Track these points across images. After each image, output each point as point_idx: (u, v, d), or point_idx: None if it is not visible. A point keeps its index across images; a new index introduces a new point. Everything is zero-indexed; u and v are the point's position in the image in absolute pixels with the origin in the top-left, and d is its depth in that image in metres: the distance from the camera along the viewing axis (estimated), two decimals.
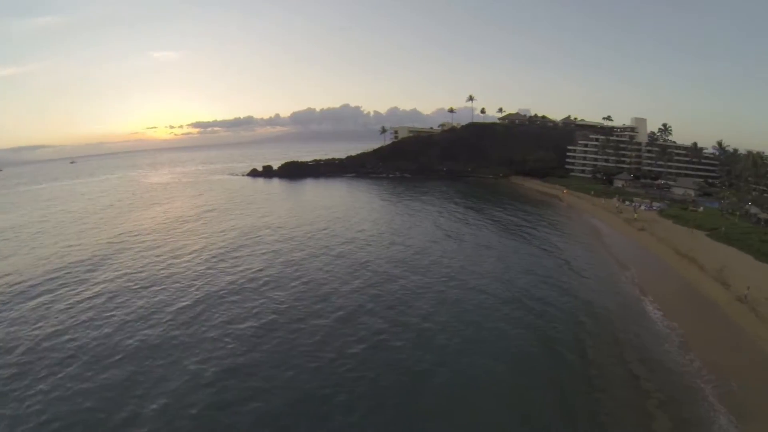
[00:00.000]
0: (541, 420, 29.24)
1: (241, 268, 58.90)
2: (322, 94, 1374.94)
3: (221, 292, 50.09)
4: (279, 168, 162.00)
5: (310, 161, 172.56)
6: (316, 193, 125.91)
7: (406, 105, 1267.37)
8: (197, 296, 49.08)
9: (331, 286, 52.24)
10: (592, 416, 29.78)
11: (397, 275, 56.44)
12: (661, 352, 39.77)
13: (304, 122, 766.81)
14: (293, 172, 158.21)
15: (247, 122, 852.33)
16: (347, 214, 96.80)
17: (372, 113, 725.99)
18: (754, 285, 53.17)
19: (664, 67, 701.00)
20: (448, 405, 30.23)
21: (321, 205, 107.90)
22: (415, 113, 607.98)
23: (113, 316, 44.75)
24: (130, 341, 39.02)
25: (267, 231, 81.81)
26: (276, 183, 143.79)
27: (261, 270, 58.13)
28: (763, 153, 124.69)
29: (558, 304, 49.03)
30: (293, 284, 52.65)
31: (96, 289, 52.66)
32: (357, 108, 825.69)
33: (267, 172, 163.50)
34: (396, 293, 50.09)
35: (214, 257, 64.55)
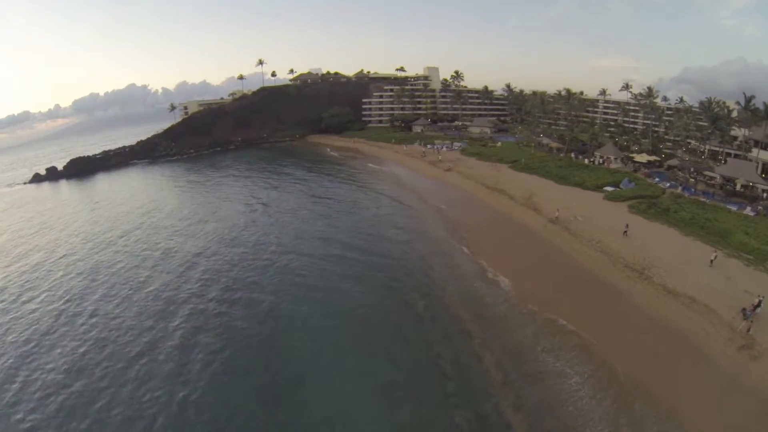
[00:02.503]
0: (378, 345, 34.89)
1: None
2: (104, 76, 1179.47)
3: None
4: (65, 167, 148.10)
5: (98, 154, 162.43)
6: (112, 189, 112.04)
7: (194, 78, 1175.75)
8: None
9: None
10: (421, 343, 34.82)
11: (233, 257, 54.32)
12: (478, 287, 42.13)
13: (89, 110, 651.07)
14: (81, 169, 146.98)
15: (24, 119, 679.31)
16: (154, 207, 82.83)
17: (160, 91, 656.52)
18: (562, 206, 59.12)
19: (454, 17, 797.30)
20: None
21: (122, 203, 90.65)
22: (205, 85, 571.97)
23: None
24: None
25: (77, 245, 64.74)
26: (64, 186, 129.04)
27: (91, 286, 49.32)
28: (546, 92, 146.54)
29: (380, 252, 51.99)
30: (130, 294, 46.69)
31: None
32: (144, 87, 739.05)
33: (52, 175, 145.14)
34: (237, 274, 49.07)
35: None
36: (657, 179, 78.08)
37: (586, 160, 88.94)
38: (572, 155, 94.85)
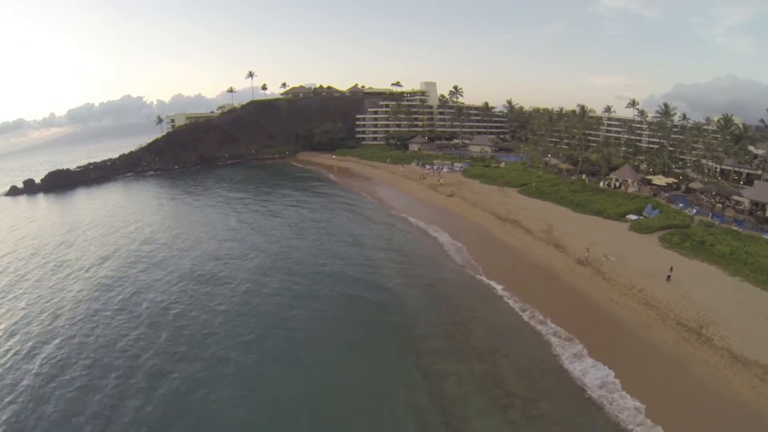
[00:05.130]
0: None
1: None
2: (100, 86, 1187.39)
3: None
4: (42, 181, 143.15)
5: (78, 167, 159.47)
6: (88, 207, 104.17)
7: (190, 91, 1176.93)
8: None
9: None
10: None
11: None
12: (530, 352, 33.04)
13: (83, 119, 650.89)
14: (60, 183, 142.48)
15: (18, 126, 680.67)
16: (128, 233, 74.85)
17: (155, 103, 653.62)
18: (586, 240, 52.61)
19: (448, 33, 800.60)
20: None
21: (97, 223, 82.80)
22: (200, 98, 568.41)
23: None
24: None
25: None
26: (41, 201, 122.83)
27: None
28: (553, 109, 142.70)
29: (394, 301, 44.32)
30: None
31: None
32: (139, 98, 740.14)
33: (30, 188, 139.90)
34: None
35: None
36: (681, 205, 72.08)
37: (601, 183, 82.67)
38: (584, 177, 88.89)
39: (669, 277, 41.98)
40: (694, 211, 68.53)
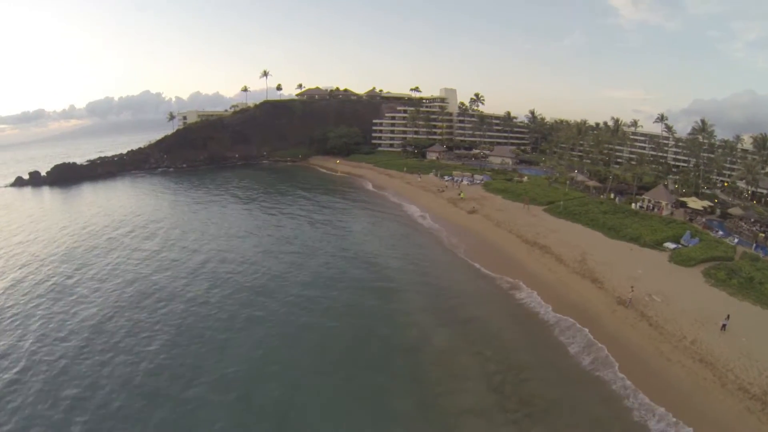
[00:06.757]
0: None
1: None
2: (120, 81, 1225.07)
3: None
4: (48, 174, 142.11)
5: (87, 161, 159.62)
6: (95, 205, 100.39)
7: (209, 89, 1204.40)
8: None
9: None
10: None
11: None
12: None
13: (102, 113, 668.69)
14: (66, 176, 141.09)
15: (38, 116, 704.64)
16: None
17: (174, 99, 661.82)
18: (623, 272, 48.59)
19: (471, 39, 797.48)
20: None
21: (106, 223, 79.87)
22: (218, 97, 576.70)
23: None
24: None
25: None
26: (46, 194, 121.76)
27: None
28: (583, 121, 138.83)
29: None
30: None
31: None
32: (158, 94, 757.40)
33: (35, 180, 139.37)
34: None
35: None
36: (720, 232, 67.12)
37: (633, 205, 77.55)
38: (613, 197, 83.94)
39: (724, 326, 37.12)
40: (736, 240, 63.65)
